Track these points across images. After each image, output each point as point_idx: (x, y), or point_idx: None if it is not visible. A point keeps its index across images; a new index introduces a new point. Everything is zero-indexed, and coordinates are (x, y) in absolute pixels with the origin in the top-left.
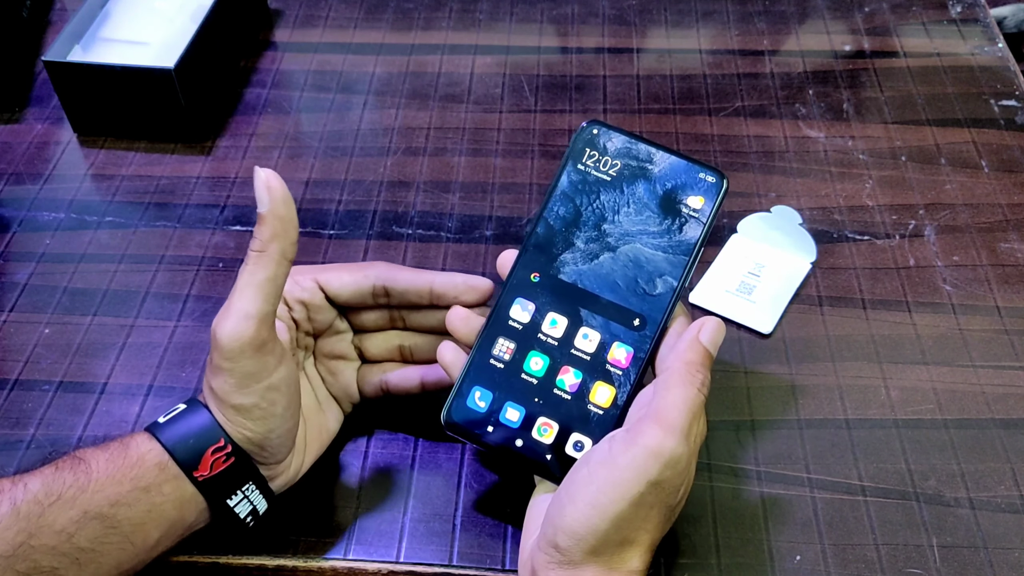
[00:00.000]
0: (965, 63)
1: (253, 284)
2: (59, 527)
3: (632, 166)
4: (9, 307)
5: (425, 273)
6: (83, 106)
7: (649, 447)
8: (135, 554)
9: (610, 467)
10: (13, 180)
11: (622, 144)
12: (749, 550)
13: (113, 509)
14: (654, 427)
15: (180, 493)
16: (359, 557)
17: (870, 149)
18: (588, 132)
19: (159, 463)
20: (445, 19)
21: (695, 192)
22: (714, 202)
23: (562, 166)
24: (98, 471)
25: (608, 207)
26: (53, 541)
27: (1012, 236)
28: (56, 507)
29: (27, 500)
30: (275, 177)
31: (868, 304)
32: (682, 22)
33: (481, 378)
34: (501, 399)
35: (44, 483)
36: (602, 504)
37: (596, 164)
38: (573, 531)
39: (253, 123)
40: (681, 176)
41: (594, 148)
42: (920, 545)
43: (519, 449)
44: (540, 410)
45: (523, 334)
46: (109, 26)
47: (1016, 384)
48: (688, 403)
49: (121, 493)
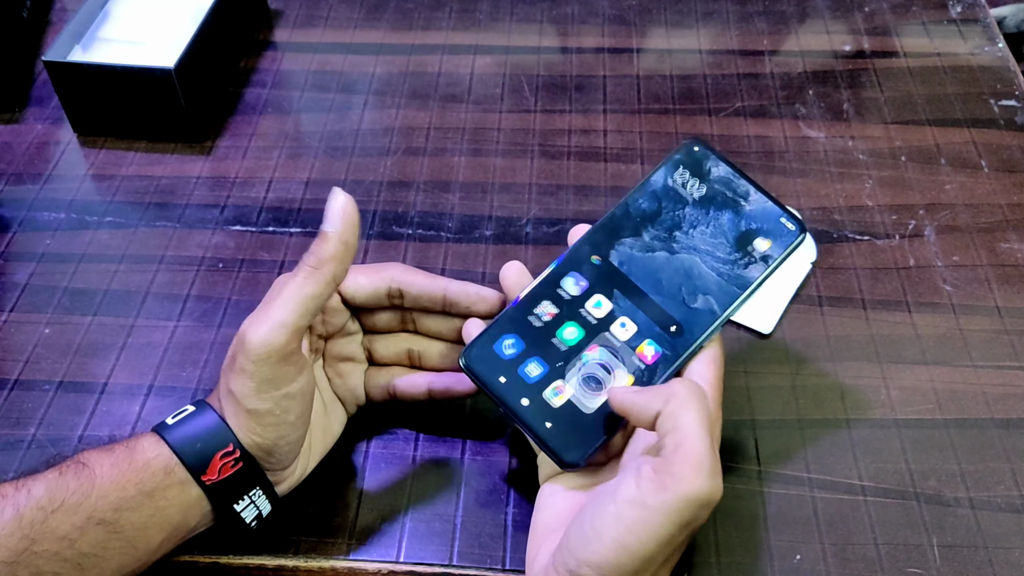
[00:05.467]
0: (965, 63)
1: (298, 297)
2: (62, 533)
3: (722, 192)
4: (9, 307)
5: (440, 280)
6: (83, 106)
7: (683, 495)
8: (137, 557)
9: (640, 508)
10: (13, 180)
11: (722, 171)
12: (749, 550)
13: (117, 514)
14: (683, 469)
15: (185, 497)
16: (359, 557)
17: (870, 149)
18: (690, 148)
19: (166, 467)
20: (445, 19)
21: (771, 236)
22: (785, 250)
23: (658, 168)
24: (102, 476)
25: (687, 220)
26: (56, 547)
27: (1012, 236)
28: (59, 513)
29: (30, 506)
30: (352, 204)
31: (868, 304)
32: (682, 22)
33: (515, 328)
34: (528, 353)
35: (47, 489)
36: (630, 545)
37: (689, 179)
38: (598, 566)
39: (253, 123)
40: (764, 217)
41: (693, 164)
42: (920, 545)
43: (524, 408)
44: (559, 375)
45: (567, 304)
46: (109, 26)
47: (1016, 384)
48: (705, 428)
49: (125, 498)
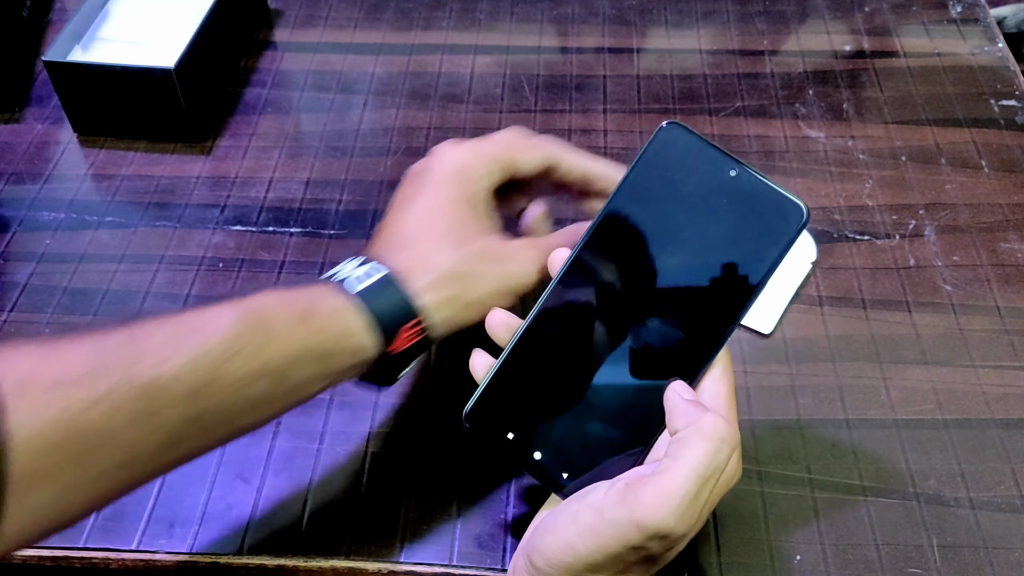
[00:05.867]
0: (965, 63)
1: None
2: (237, 377)
3: (712, 181)
4: (9, 307)
5: (586, 159)
6: (83, 106)
7: (634, 519)
8: (297, 400)
9: (596, 515)
10: (13, 180)
11: (707, 155)
12: (749, 550)
13: (286, 367)
14: (650, 494)
15: (354, 360)
16: (359, 557)
17: (870, 149)
18: (667, 135)
19: (342, 333)
20: (445, 19)
21: (773, 221)
22: (791, 235)
23: (634, 165)
24: (279, 331)
25: (679, 220)
26: (230, 388)
27: (1012, 236)
28: (235, 360)
29: (208, 350)
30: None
31: (868, 304)
32: (682, 22)
33: (514, 379)
34: (533, 401)
35: (225, 336)
36: (577, 547)
37: (672, 171)
38: (547, 559)
39: (253, 123)
40: (762, 202)
41: (672, 154)
42: (920, 545)
43: (537, 461)
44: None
45: (565, 341)
46: (109, 26)
47: (1016, 384)
48: (698, 472)
49: (296, 356)
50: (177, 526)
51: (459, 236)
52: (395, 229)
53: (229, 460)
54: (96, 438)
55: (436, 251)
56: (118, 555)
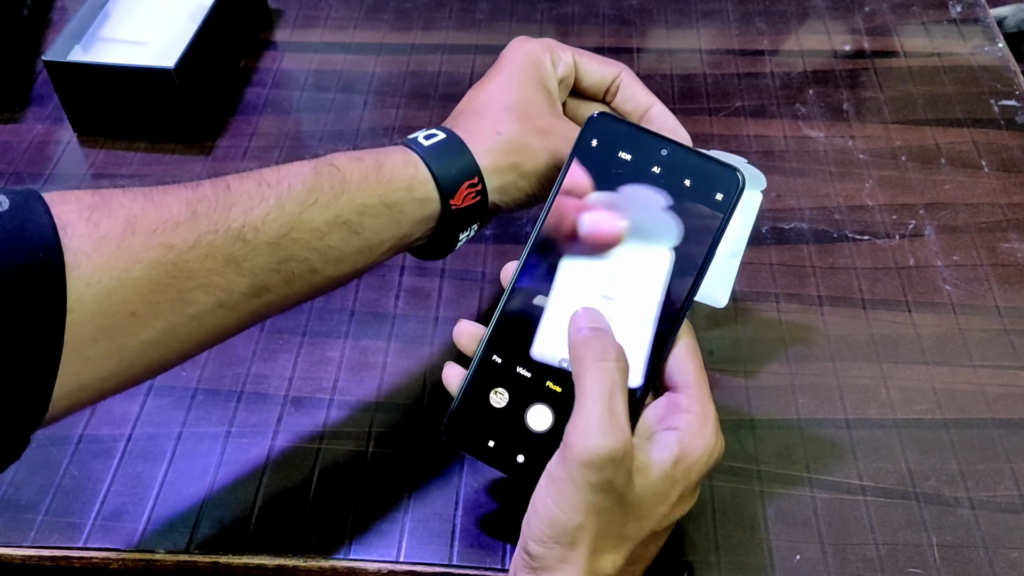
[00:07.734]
0: (965, 63)
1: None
2: (315, 226)
3: (646, 163)
4: None
5: (649, 97)
6: (83, 106)
7: (575, 458)
8: (368, 257)
9: (551, 480)
10: (13, 180)
11: (638, 140)
12: (749, 549)
13: (360, 218)
14: (574, 432)
15: (420, 214)
16: (359, 557)
17: (870, 149)
18: (596, 126)
19: (410, 185)
20: (445, 19)
21: (710, 192)
22: (730, 203)
23: (569, 161)
24: (352, 183)
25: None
26: (308, 237)
27: (1012, 236)
28: (313, 208)
29: (290, 198)
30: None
31: (868, 304)
32: (682, 22)
33: (486, 391)
34: (512, 402)
35: (304, 186)
36: (556, 517)
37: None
38: (538, 539)
39: (253, 123)
40: (697, 176)
41: (604, 144)
42: (920, 545)
43: (520, 464)
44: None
45: (527, 355)
46: (109, 26)
47: (1016, 384)
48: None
49: (369, 205)
50: (177, 526)
51: (524, 111)
52: (466, 103)
53: (229, 460)
54: (193, 280)
55: (500, 121)
56: (118, 555)
